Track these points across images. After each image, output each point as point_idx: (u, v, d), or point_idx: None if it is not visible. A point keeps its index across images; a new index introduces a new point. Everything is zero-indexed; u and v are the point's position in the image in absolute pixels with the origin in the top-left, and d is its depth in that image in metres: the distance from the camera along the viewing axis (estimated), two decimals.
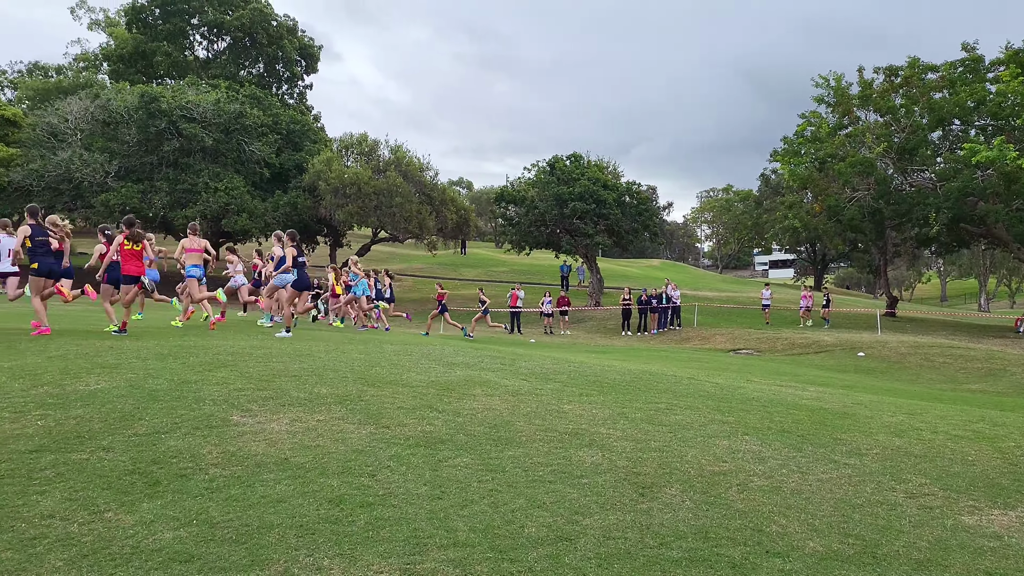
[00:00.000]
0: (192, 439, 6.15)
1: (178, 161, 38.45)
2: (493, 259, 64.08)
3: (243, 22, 51.81)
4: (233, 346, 10.67)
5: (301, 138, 42.69)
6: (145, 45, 52.72)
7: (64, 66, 67.14)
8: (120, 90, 40.67)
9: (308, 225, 40.04)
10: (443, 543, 4.49)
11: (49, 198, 39.42)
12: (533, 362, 10.86)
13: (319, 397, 7.57)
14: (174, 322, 14.81)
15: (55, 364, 8.73)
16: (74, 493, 5.06)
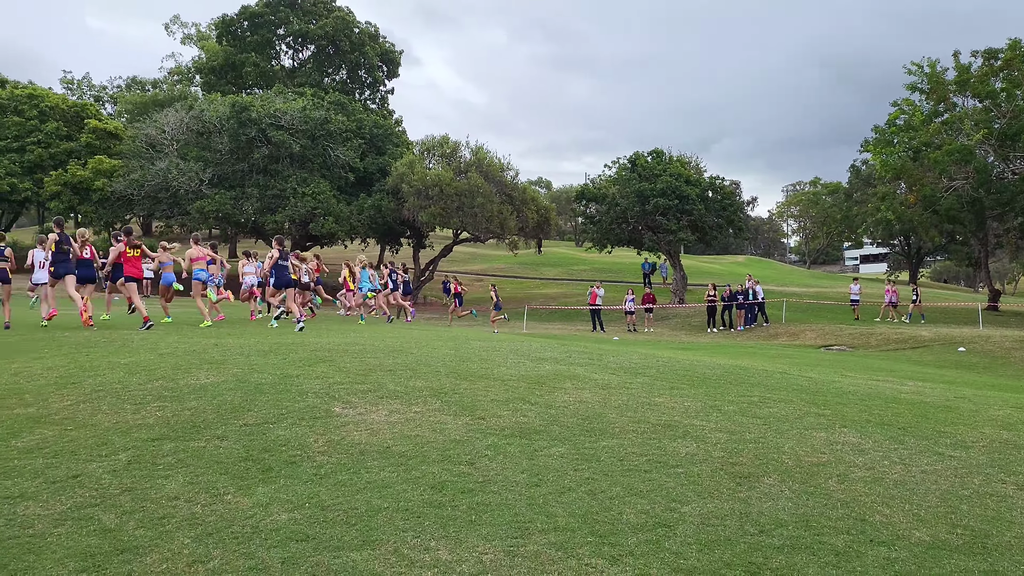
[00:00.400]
0: (298, 429, 6.43)
1: (267, 167, 39.73)
2: (573, 257, 64.04)
3: (327, 31, 53.16)
4: (329, 343, 11.04)
5: (384, 142, 43.55)
6: (235, 57, 54.64)
7: (159, 80, 70.37)
8: (212, 101, 42.30)
9: (392, 227, 40.83)
10: (544, 527, 4.60)
11: (149, 206, 41.34)
12: (621, 357, 10.89)
13: (415, 390, 7.78)
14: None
15: (167, 361, 9.22)
16: (195, 477, 5.38)
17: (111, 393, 7.60)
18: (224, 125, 40.00)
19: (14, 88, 46.93)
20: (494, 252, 65.16)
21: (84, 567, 4.14)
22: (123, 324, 15.56)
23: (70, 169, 42.21)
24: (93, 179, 41.66)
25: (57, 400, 7.39)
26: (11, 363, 9.32)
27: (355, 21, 55.09)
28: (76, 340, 11.28)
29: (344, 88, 56.11)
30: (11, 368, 8.96)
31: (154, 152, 41.27)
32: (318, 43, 54.26)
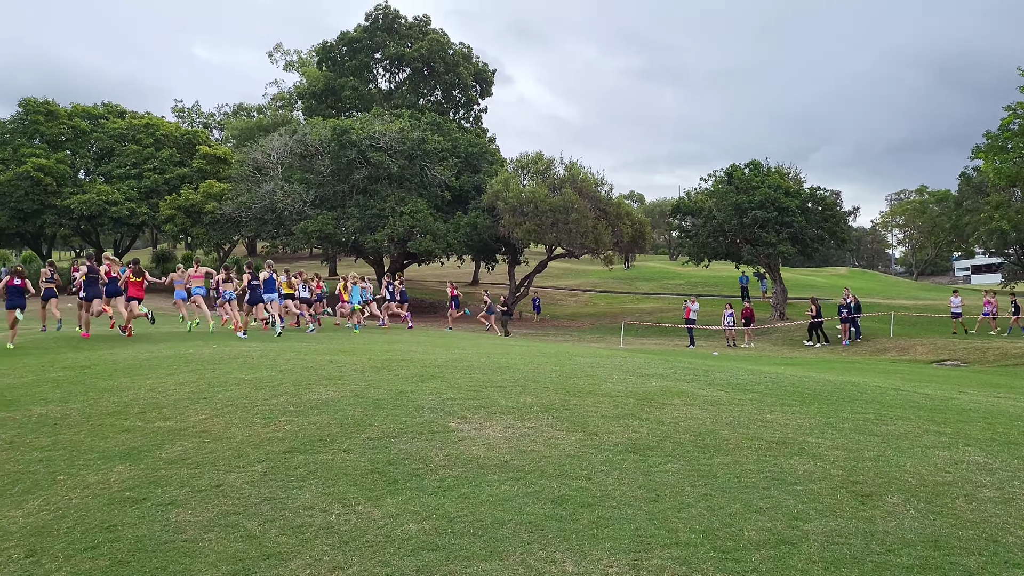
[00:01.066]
0: (418, 443, 6.69)
1: (367, 188, 40.91)
2: (667, 271, 63.36)
3: (422, 53, 54.49)
4: (437, 359, 11.35)
5: (479, 160, 44.26)
6: (334, 81, 56.57)
7: (263, 106, 73.53)
8: (314, 125, 43.89)
9: (487, 244, 41.38)
10: (666, 542, 4.67)
11: (256, 227, 43.14)
12: (727, 373, 10.81)
13: (526, 406, 7.95)
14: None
15: (287, 377, 9.69)
16: (327, 488, 5.68)
17: (240, 408, 8.06)
18: (326, 148, 41.45)
19: (132, 118, 49.88)
20: (587, 267, 65.12)
21: (235, 571, 4.45)
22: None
23: (183, 193, 44.51)
24: (204, 202, 43.80)
25: (192, 414, 7.89)
26: (146, 379, 9.97)
27: (449, 42, 56.28)
28: (202, 357, 11.95)
29: (439, 108, 57.31)
30: (147, 384, 9.59)
31: (260, 175, 43.06)
32: (414, 65, 55.65)
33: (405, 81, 59.27)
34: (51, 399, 8.94)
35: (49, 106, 47.03)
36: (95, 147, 47.73)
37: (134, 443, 6.98)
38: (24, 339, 17.00)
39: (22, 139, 45.44)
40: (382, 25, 56.03)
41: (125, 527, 5.11)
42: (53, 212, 44.09)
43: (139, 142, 47.71)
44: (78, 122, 47.24)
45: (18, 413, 8.31)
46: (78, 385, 9.73)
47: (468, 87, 57.77)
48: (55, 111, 47.01)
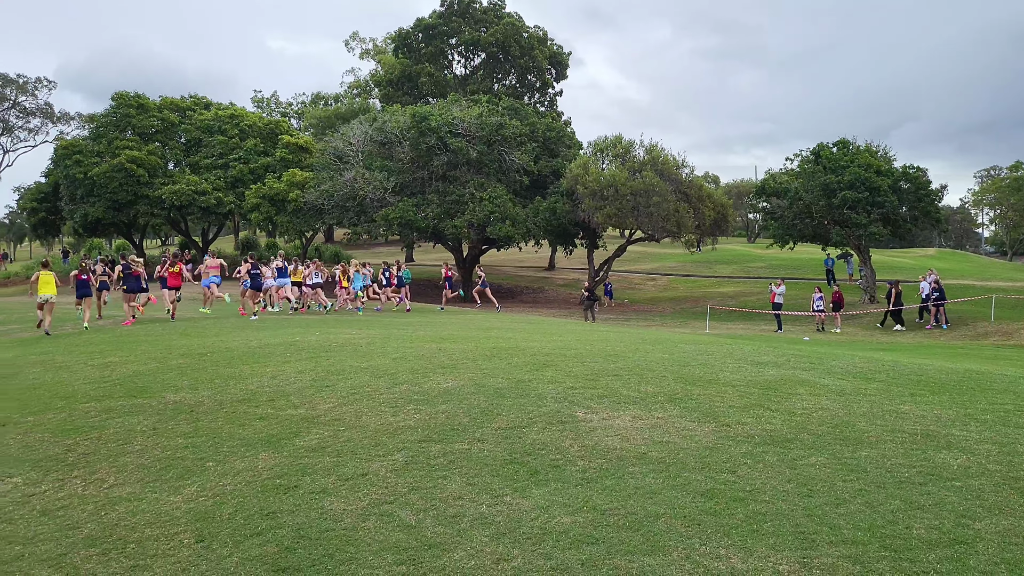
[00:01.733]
0: (550, 433, 6.70)
1: (446, 174, 41.16)
2: (747, 254, 62.12)
3: (497, 37, 54.42)
4: (544, 346, 11.35)
5: (556, 144, 44.04)
6: (411, 68, 56.99)
7: (340, 94, 74.55)
8: (393, 112, 44.30)
9: (566, 228, 41.20)
10: (831, 539, 4.57)
11: (338, 215, 43.84)
12: (842, 361, 10.52)
13: (649, 396, 7.89)
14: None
15: (403, 365, 9.83)
16: (471, 479, 5.74)
17: (365, 396, 8.21)
18: (405, 135, 41.82)
19: (218, 109, 51.18)
20: (664, 250, 64.32)
21: (400, 560, 4.53)
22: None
23: (267, 182, 45.49)
24: (288, 191, 44.69)
25: (320, 402, 8.07)
26: (264, 367, 10.25)
27: (524, 26, 56.07)
28: (311, 345, 12.22)
29: (514, 92, 57.20)
30: (267, 371, 9.86)
31: (341, 163, 43.71)
32: (489, 50, 55.63)
33: (480, 66, 59.32)
34: (180, 386, 9.27)
35: (140, 99, 48.62)
36: (183, 138, 49.13)
37: (271, 431, 7.18)
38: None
39: (115, 132, 47.13)
40: (457, 11, 56.13)
41: (284, 514, 5.26)
42: (145, 202, 45.62)
43: (225, 133, 48.95)
44: (167, 114, 48.71)
45: (153, 400, 8.64)
46: (201, 372, 10.06)
47: (543, 71, 57.50)
48: (146, 104, 48.58)
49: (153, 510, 5.53)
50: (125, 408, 8.35)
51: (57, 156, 47.96)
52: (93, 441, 7.31)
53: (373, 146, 44.10)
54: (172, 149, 48.59)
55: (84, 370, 11.10)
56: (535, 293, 50.18)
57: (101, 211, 45.18)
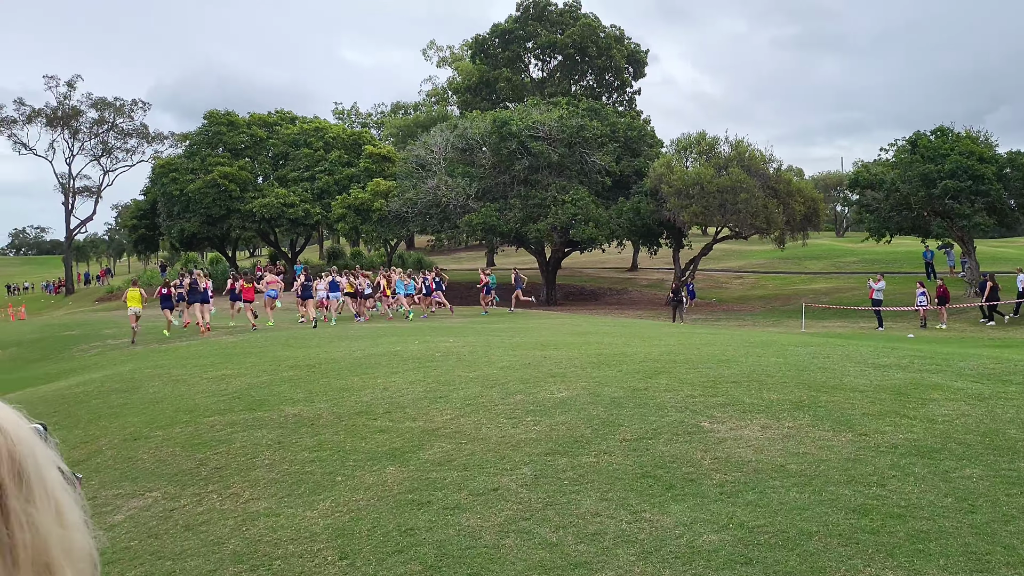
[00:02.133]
0: (678, 445, 6.53)
1: (528, 178, 41.19)
2: (837, 249, 60.22)
3: (574, 38, 54.24)
4: (651, 353, 11.15)
5: (638, 144, 43.58)
6: (488, 74, 57.32)
7: (419, 103, 75.55)
8: (473, 118, 44.60)
9: (651, 228, 40.70)
10: (1008, 560, 4.29)
11: (421, 222, 44.40)
12: (971, 361, 9.99)
13: (775, 403, 7.63)
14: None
15: (510, 374, 9.79)
16: (604, 494, 5.62)
17: (481, 407, 8.18)
18: (486, 140, 42.04)
19: (303, 123, 52.54)
20: (749, 247, 62.91)
21: None
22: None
23: (352, 192, 46.42)
24: (372, 200, 45.50)
25: (436, 414, 8.09)
26: (374, 378, 10.36)
27: (601, 26, 55.74)
28: (415, 355, 12.31)
29: (591, 92, 56.93)
30: (378, 383, 9.96)
31: (423, 171, 44.22)
32: (566, 52, 55.50)
33: (557, 68, 59.26)
34: (296, 399, 9.44)
35: (230, 116, 50.29)
36: (271, 152, 50.61)
37: (393, 444, 7.21)
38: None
39: (208, 149, 48.87)
40: (533, 14, 56.17)
41: (421, 531, 5.25)
42: (237, 216, 47.16)
43: (310, 145, 50.20)
44: (256, 130, 50.27)
45: (273, 413, 8.82)
46: (314, 385, 10.23)
47: (621, 69, 57.05)
48: (235, 121, 50.23)
49: (292, 525, 5.60)
50: (248, 422, 8.54)
51: (155, 174, 50.04)
52: (223, 455, 7.49)
53: (454, 153, 44.48)
54: (261, 163, 50.09)
55: (201, 383, 11.44)
56: (619, 294, 49.74)
57: (196, 226, 46.89)
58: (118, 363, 16.94)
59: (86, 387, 13.03)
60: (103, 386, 12.75)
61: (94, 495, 7.08)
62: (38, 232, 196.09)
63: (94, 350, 21.36)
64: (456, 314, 28.32)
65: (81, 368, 17.71)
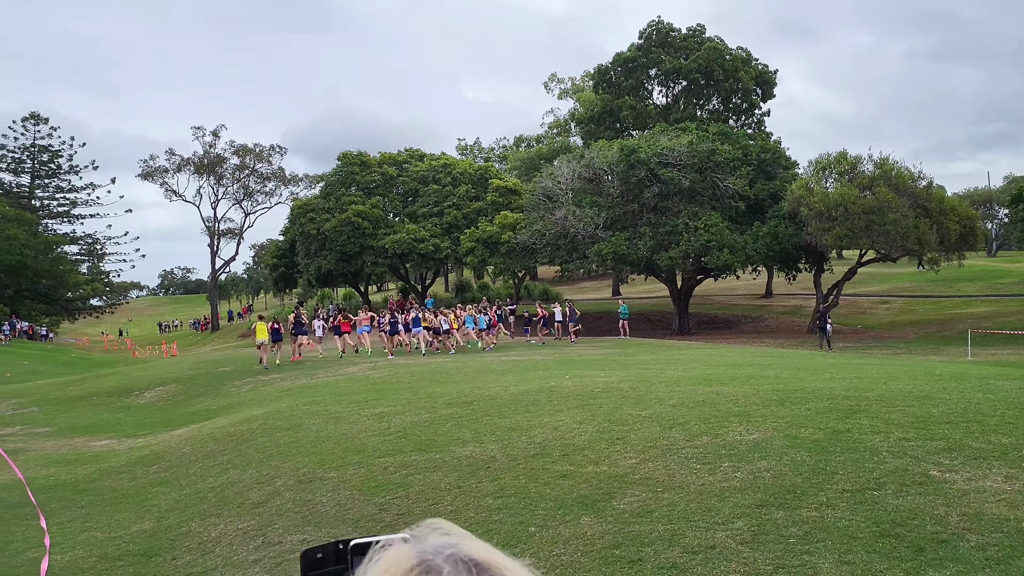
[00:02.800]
0: (912, 497, 5.80)
1: (657, 205, 40.44)
2: (993, 269, 56.24)
3: (699, 63, 53.27)
4: (830, 387, 10.30)
5: (772, 166, 42.11)
6: (611, 103, 57.03)
7: (541, 135, 76.09)
8: (600, 147, 44.31)
9: (789, 253, 39.10)
10: None
11: (549, 253, 44.32)
12: None
13: (1009, 448, 6.75)
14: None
15: (687, 413, 9.20)
16: (842, 556, 4.99)
17: (666, 450, 7.66)
18: (613, 169, 41.60)
19: (431, 160, 53.70)
20: (895, 270, 59.59)
21: None
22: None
23: (480, 226, 46.90)
24: (500, 233, 45.79)
25: (619, 457, 7.62)
26: (539, 416, 10.00)
27: (727, 48, 54.55)
28: (572, 391, 11.89)
29: (718, 116, 55.68)
30: (545, 421, 9.59)
31: (550, 202, 44.17)
32: (691, 76, 54.55)
33: (681, 94, 58.33)
34: (464, 439, 9.19)
35: (362, 157, 52.01)
36: (401, 190, 51.93)
37: (580, 490, 6.79)
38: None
39: (342, 189, 50.65)
40: (656, 41, 55.59)
41: None
42: (371, 252, 48.50)
43: (438, 181, 51.20)
44: (386, 168, 51.77)
45: (444, 455, 8.58)
46: (478, 423, 9.97)
47: (749, 91, 55.52)
48: (367, 161, 51.90)
49: None
50: (420, 464, 8.33)
51: (293, 215, 52.23)
52: (402, 500, 7.28)
53: (582, 183, 44.26)
54: (391, 200, 51.43)
55: (362, 421, 11.41)
56: (754, 322, 47.95)
57: (332, 263, 48.50)
58: (274, 399, 17.33)
59: (250, 424, 13.29)
60: (266, 423, 12.96)
61: (279, 539, 6.99)
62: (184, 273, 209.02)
63: (247, 386, 22.04)
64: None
65: (239, 404, 18.23)
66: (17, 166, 79.82)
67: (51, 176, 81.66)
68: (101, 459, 13.30)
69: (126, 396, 23.68)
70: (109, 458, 13.34)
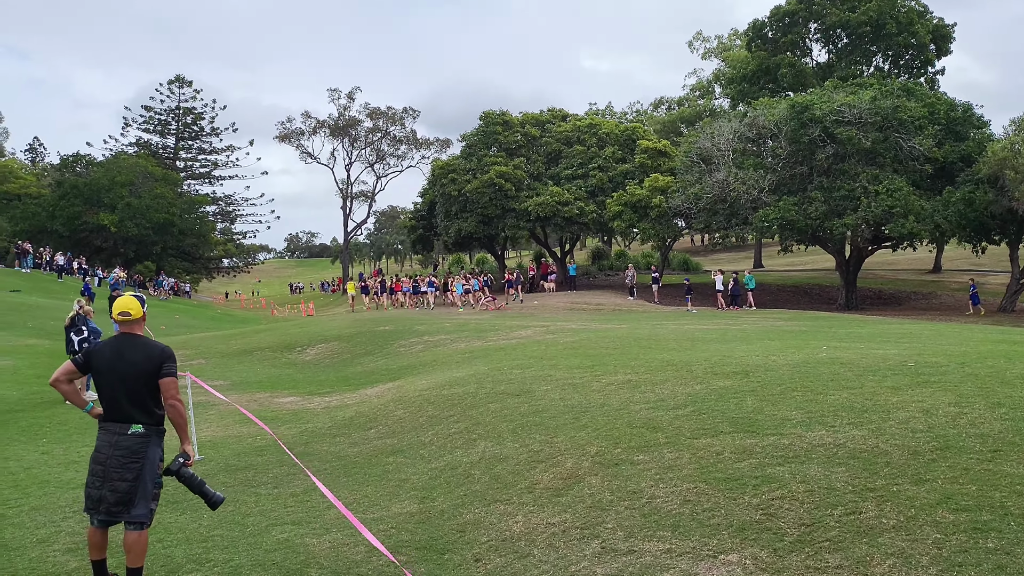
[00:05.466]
0: None
1: (831, 168, 36.99)
2: None
3: (869, 15, 48.80)
4: None
5: (963, 126, 37.82)
6: (767, 61, 53.23)
7: (683, 97, 72.42)
8: (766, 105, 41.02)
9: (983, 222, 35.03)
10: None
11: (705, 219, 41.46)
12: None
13: None
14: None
15: None
16: None
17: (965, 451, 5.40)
18: (781, 128, 38.31)
19: (576, 120, 51.46)
20: None
21: None
22: None
23: (628, 189, 44.48)
24: (650, 197, 43.26)
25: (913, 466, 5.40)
26: (874, 395, 7.85)
27: (901, 1, 49.82)
28: (848, 362, 9.64)
29: (883, 74, 51.08)
30: (889, 402, 7.43)
31: (705, 165, 41.31)
32: (859, 30, 50.16)
33: (844, 50, 53.96)
34: (798, 419, 7.15)
35: (504, 116, 50.30)
36: (544, 151, 49.91)
37: None
38: None
39: (483, 149, 49.14)
40: None
41: None
42: (512, 215, 46.87)
43: (583, 143, 48.97)
44: (529, 129, 49.89)
45: (789, 439, 6.57)
46: (788, 399, 7.90)
47: (924, 47, 50.65)
48: (509, 120, 50.17)
49: None
50: (768, 450, 6.35)
51: (434, 175, 51.19)
52: (790, 502, 5.31)
53: (745, 143, 41.14)
54: (534, 162, 49.49)
55: (609, 390, 9.60)
56: (926, 299, 43.75)
57: (473, 225, 47.18)
58: (461, 362, 15.84)
59: (463, 387, 11.72)
60: (485, 388, 11.34)
61: (628, 547, 5.14)
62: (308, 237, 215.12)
63: (417, 346, 20.73)
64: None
65: (420, 365, 16.84)
66: (163, 128, 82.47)
67: (194, 138, 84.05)
68: (300, 418, 12.01)
69: (288, 352, 22.88)
70: (309, 418, 12.03)
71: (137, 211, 61.09)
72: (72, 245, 60.15)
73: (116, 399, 5.21)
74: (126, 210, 60.57)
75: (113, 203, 60.69)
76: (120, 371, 5.21)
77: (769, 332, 17.69)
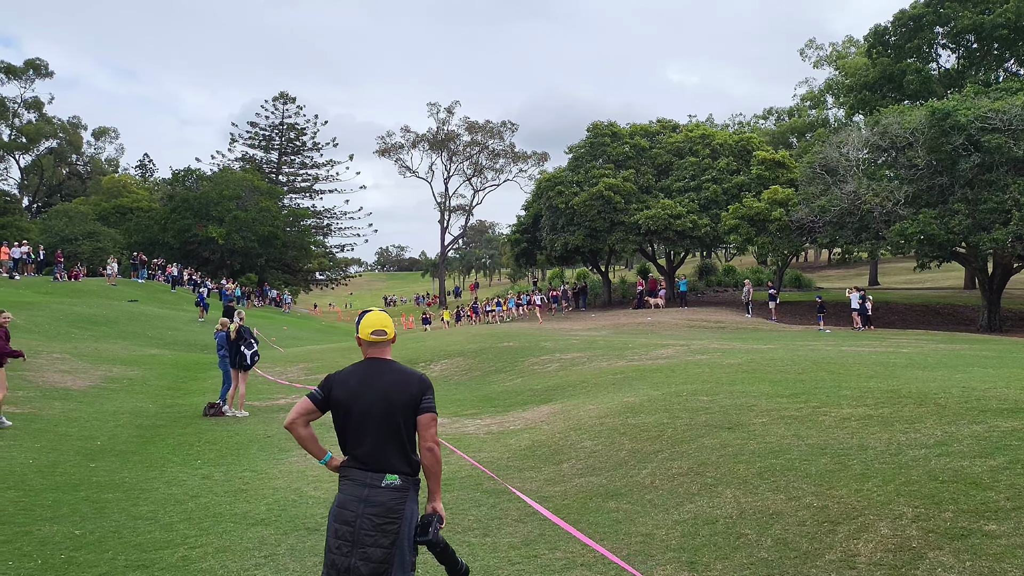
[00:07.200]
0: None
1: (976, 179, 34.23)
2: None
3: (1008, 17, 45.54)
4: None
5: None
6: (891, 67, 50.34)
7: (793, 107, 69.48)
8: (899, 112, 38.45)
9: None
10: None
11: (831, 233, 39.04)
12: None
13: None
14: None
15: None
16: None
17: None
18: (918, 137, 35.73)
19: (688, 131, 49.65)
20: None
21: None
22: None
23: (745, 201, 42.46)
24: (769, 210, 41.14)
25: None
26: None
27: None
28: None
29: (1019, 81, 47.56)
30: None
31: (829, 176, 38.97)
32: (996, 33, 46.87)
33: (972, 54, 50.66)
34: None
35: (613, 128, 48.92)
36: (654, 162, 48.21)
37: None
38: None
39: (591, 161, 47.83)
40: None
41: None
42: (621, 229, 45.34)
43: (695, 154, 47.11)
44: (638, 140, 48.32)
45: None
46: None
47: None
48: (618, 132, 48.74)
49: None
50: None
51: (539, 188, 50.16)
52: None
53: (874, 153, 38.67)
54: (643, 174, 47.87)
55: (851, 427, 8.07)
56: None
57: (580, 238, 45.87)
58: (617, 384, 14.45)
59: (648, 415, 10.38)
60: (675, 416, 9.94)
61: None
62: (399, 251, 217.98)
63: (551, 364, 19.51)
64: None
65: (570, 386, 15.55)
66: (267, 143, 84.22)
67: (296, 153, 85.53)
68: (466, 445, 10.86)
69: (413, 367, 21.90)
70: (476, 445, 10.89)
71: (243, 224, 62.11)
72: (181, 257, 61.52)
73: (366, 441, 4.08)
74: (233, 223, 61.64)
75: (221, 216, 61.86)
76: (373, 405, 4.09)
77: (951, 357, 15.70)
